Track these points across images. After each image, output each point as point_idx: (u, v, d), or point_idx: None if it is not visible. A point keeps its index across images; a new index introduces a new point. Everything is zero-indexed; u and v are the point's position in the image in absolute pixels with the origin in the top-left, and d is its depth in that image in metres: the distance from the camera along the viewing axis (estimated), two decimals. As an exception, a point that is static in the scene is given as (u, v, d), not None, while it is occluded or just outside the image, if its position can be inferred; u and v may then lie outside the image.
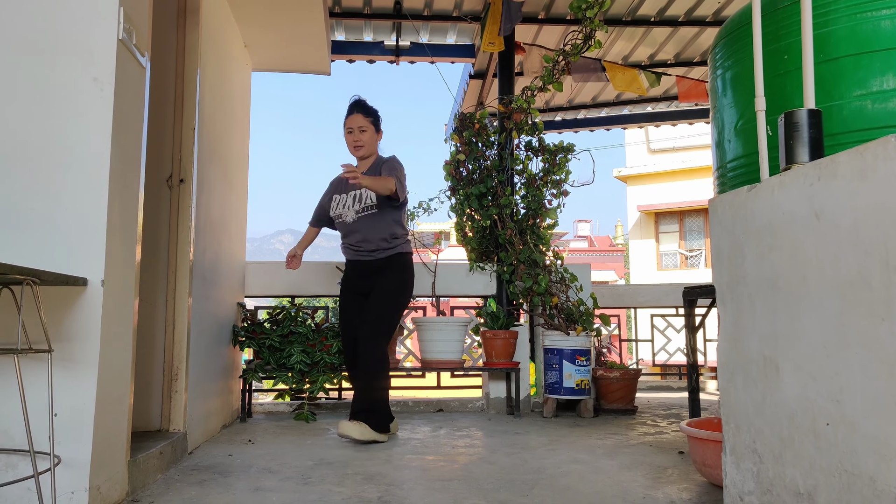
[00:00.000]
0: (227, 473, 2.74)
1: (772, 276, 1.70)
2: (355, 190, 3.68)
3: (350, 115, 3.73)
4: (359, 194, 3.67)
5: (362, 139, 3.69)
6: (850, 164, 1.44)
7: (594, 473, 2.72)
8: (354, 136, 3.69)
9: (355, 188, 3.68)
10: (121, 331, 2.24)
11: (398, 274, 3.65)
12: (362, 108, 3.73)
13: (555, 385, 4.43)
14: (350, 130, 3.70)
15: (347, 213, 3.68)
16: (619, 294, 6.55)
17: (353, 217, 3.67)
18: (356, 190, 3.68)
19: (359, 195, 3.67)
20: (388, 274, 3.64)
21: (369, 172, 3.68)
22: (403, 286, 3.66)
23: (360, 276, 3.72)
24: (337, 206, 3.76)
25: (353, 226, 3.67)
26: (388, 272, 3.64)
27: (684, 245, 20.41)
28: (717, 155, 2.92)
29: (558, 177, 5.08)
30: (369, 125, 3.70)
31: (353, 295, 3.75)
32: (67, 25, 2.12)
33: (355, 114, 3.71)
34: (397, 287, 3.64)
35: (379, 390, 3.53)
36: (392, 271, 3.64)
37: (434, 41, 6.14)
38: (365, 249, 3.67)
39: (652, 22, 5.92)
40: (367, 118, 3.70)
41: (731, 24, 2.79)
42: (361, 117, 3.70)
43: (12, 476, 1.92)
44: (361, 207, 3.65)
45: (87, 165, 2.08)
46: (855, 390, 1.41)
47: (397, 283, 3.64)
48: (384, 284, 3.61)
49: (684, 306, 3.39)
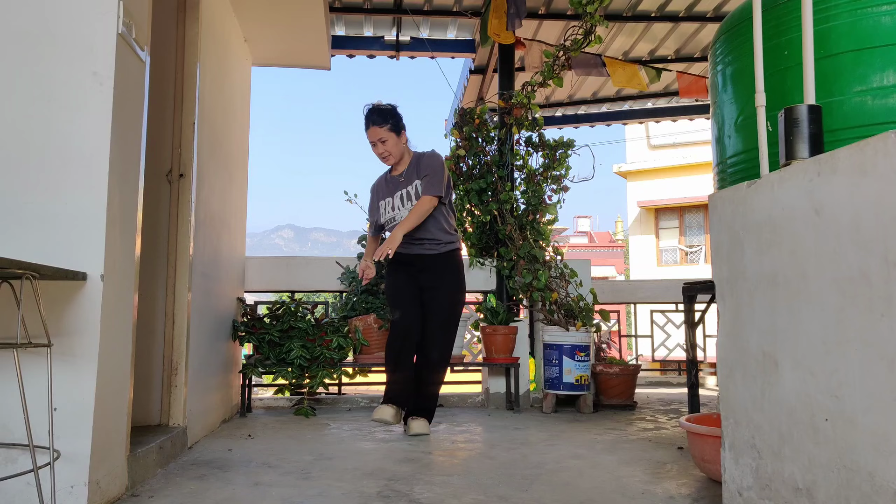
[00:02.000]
0: (227, 468, 2.75)
1: (771, 272, 1.70)
2: (400, 190, 3.66)
3: (367, 128, 3.63)
4: (405, 193, 3.64)
5: (387, 149, 3.63)
6: (849, 160, 1.44)
7: (593, 468, 2.73)
8: (378, 149, 3.63)
9: (399, 189, 3.66)
10: (120, 325, 2.25)
11: (460, 275, 3.74)
12: (376, 117, 3.62)
13: (554, 380, 4.44)
14: (373, 144, 3.63)
15: (400, 213, 3.63)
16: (618, 290, 6.56)
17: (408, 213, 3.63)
18: (401, 190, 3.65)
19: (406, 194, 3.64)
20: (450, 276, 3.69)
21: (408, 173, 3.67)
22: (463, 286, 3.78)
23: (418, 269, 3.64)
24: (386, 210, 3.70)
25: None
26: (450, 273, 3.68)
27: (684, 241, 20.41)
28: (717, 150, 2.92)
29: (558, 172, 5.08)
30: (388, 133, 3.60)
31: (409, 280, 3.65)
32: (67, 20, 2.12)
33: (371, 127, 3.62)
34: (461, 288, 3.76)
35: (440, 387, 3.75)
36: (455, 273, 3.70)
37: (434, 36, 6.13)
38: (426, 241, 3.63)
39: (652, 17, 5.91)
40: (383, 126, 3.59)
41: (732, 19, 2.78)
42: (377, 128, 3.60)
43: (12, 470, 1.92)
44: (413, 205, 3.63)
45: (86, 160, 2.08)
46: (854, 386, 1.42)
47: (460, 284, 3.75)
48: (449, 286, 3.67)
49: (684, 302, 3.39)
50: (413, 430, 3.53)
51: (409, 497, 2.29)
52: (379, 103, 3.67)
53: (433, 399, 3.69)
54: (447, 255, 3.67)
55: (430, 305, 3.62)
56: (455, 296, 3.72)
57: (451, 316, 3.68)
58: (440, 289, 3.64)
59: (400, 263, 3.64)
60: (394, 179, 3.71)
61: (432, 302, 3.62)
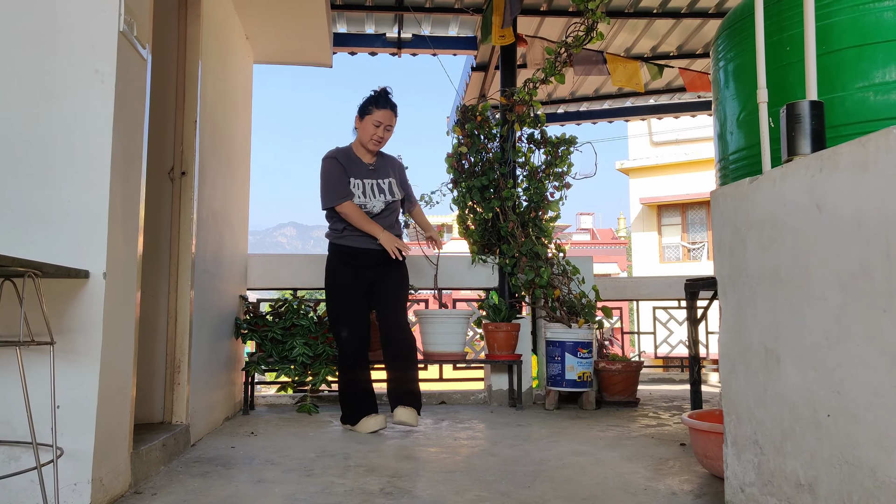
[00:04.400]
0: (230, 465, 2.75)
1: (773, 268, 1.70)
2: (375, 179, 3.66)
3: (383, 108, 3.60)
4: (378, 184, 3.66)
5: (385, 137, 3.66)
6: (851, 156, 1.44)
7: (596, 465, 2.73)
8: (380, 132, 3.61)
9: (373, 175, 3.67)
10: (123, 323, 2.25)
11: (406, 268, 3.80)
12: (395, 105, 3.66)
13: (557, 377, 4.44)
14: (378, 125, 3.60)
15: (374, 204, 3.64)
16: (621, 286, 6.55)
17: (382, 207, 3.66)
18: (376, 179, 3.67)
19: (377, 186, 3.66)
20: (399, 268, 3.74)
21: (378, 167, 3.71)
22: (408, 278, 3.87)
23: (368, 266, 3.66)
24: (356, 191, 3.63)
25: (382, 216, 3.66)
26: (398, 265, 3.71)
27: (687, 238, 20.39)
28: (720, 147, 2.91)
29: (560, 169, 5.07)
30: (394, 125, 3.67)
31: (360, 284, 3.67)
32: (68, 17, 2.12)
33: (388, 109, 3.62)
34: (407, 279, 3.84)
35: (417, 371, 3.73)
36: (402, 265, 3.74)
37: (436, 33, 6.12)
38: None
39: (654, 14, 5.90)
40: (395, 117, 3.66)
41: (734, 15, 2.78)
42: (392, 115, 3.64)
43: (15, 468, 1.93)
44: (389, 200, 3.67)
45: (88, 158, 2.08)
46: (856, 382, 1.41)
47: (407, 276, 3.83)
48: (400, 277, 3.76)
49: (686, 299, 3.38)
50: (399, 417, 3.49)
51: (411, 494, 2.29)
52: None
53: (416, 386, 3.65)
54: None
55: (382, 291, 3.69)
56: (406, 287, 3.80)
57: (405, 307, 3.79)
58: (391, 279, 3.71)
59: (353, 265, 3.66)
60: (361, 163, 3.69)
61: (383, 287, 3.69)
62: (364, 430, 3.52)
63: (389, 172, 3.73)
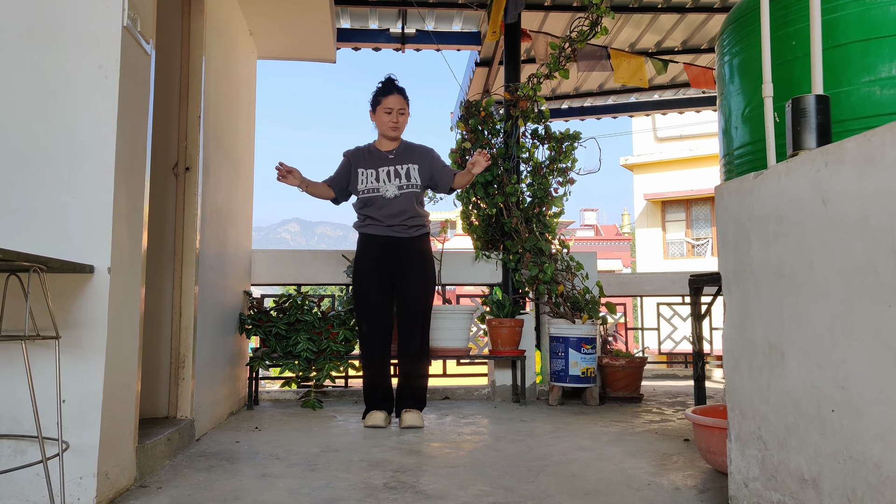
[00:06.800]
0: (234, 460, 2.76)
1: (778, 263, 1.69)
2: (388, 166, 3.66)
3: (390, 94, 3.65)
4: (393, 170, 3.65)
5: (401, 121, 3.68)
6: (857, 150, 1.43)
7: (599, 460, 2.73)
8: (394, 116, 3.64)
9: (387, 165, 3.66)
10: (128, 318, 2.26)
11: (430, 262, 3.76)
12: (402, 89, 3.70)
13: (560, 373, 4.44)
14: (389, 111, 3.64)
15: (387, 188, 3.62)
16: (625, 282, 6.54)
17: (396, 192, 3.62)
18: (389, 166, 3.66)
19: (394, 171, 3.65)
20: (421, 262, 3.69)
21: (398, 154, 3.70)
22: (434, 273, 3.80)
23: (388, 255, 3.64)
24: (367, 179, 3.65)
25: (395, 201, 3.62)
26: (421, 260, 3.69)
27: (691, 233, 20.36)
28: (724, 142, 2.90)
29: (564, 165, 5.06)
30: (406, 108, 3.69)
31: (379, 276, 3.64)
32: (72, 13, 2.12)
33: (396, 94, 3.65)
34: (432, 276, 3.76)
35: (427, 379, 3.80)
36: (424, 259, 3.71)
37: (440, 28, 6.12)
38: (404, 225, 3.64)
39: (659, 8, 5.88)
40: (405, 100, 3.68)
41: (739, 10, 2.77)
42: (402, 99, 3.66)
43: (21, 461, 1.94)
44: (405, 185, 3.64)
45: (92, 153, 2.09)
46: (861, 377, 1.41)
47: (431, 271, 3.76)
48: (421, 274, 3.68)
49: (690, 294, 3.38)
50: (406, 423, 3.54)
51: (415, 488, 2.30)
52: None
53: (422, 391, 3.73)
54: (421, 238, 3.70)
55: (404, 290, 3.64)
56: (428, 285, 3.71)
57: (426, 307, 3.69)
58: (412, 277, 3.65)
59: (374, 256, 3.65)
60: (381, 154, 3.71)
61: (405, 286, 3.64)
62: (366, 423, 3.56)
63: (412, 159, 3.70)
